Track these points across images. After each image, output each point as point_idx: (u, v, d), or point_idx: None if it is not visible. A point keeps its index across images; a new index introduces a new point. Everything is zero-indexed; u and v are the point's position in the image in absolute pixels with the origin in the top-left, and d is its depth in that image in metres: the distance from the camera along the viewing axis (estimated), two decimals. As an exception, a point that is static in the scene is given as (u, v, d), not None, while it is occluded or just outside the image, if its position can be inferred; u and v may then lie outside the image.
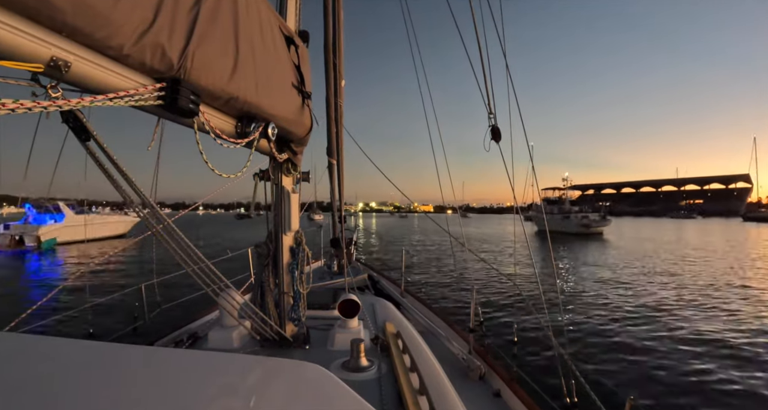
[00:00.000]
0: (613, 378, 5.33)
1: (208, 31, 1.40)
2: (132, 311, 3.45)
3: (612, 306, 9.07)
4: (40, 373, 0.94)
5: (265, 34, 1.89)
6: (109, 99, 1.06)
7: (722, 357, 6.09)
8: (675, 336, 7.04)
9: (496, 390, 2.77)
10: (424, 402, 1.72)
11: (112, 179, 1.48)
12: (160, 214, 1.66)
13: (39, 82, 0.97)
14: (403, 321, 3.15)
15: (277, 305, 2.51)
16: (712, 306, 9.21)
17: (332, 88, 3.48)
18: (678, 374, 5.48)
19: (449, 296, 10.12)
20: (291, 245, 2.56)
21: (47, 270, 14.57)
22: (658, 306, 9.15)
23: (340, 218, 3.53)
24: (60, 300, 7.66)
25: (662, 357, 6.09)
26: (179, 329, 3.00)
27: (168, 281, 4.07)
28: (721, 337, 6.98)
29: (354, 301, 2.56)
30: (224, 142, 1.64)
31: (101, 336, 3.15)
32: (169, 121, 1.53)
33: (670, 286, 11.54)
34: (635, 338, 6.92)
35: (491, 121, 3.43)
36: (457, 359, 3.09)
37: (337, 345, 2.45)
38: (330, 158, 3.52)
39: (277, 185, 2.51)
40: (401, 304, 4.23)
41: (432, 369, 2.23)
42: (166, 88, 1.24)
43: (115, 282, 10.89)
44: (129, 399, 0.85)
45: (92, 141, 1.33)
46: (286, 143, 2.37)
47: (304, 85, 2.35)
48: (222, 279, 1.96)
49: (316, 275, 4.77)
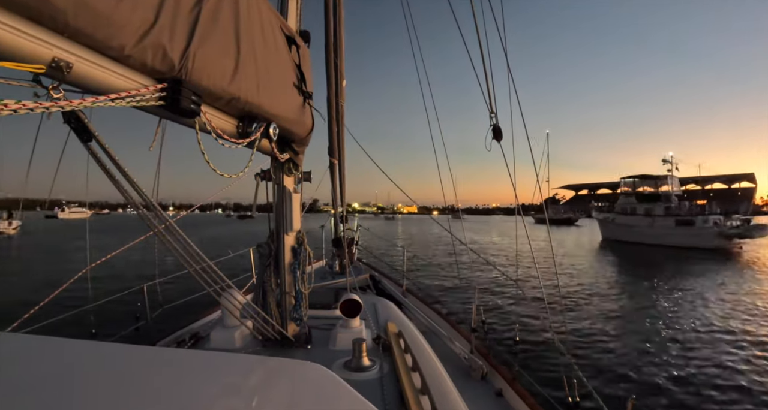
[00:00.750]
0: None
1: (210, 32, 1.40)
2: (134, 311, 3.45)
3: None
4: (43, 374, 0.94)
5: (266, 34, 1.89)
6: (110, 99, 1.06)
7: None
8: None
9: (498, 390, 2.77)
10: (426, 402, 1.72)
11: (113, 180, 1.48)
12: (162, 214, 1.66)
13: (41, 83, 0.97)
14: (405, 320, 3.15)
15: (279, 305, 2.51)
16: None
17: (333, 87, 3.48)
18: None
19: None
20: (293, 245, 2.56)
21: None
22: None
23: (342, 218, 3.53)
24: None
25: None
26: (181, 329, 3.01)
27: (170, 281, 4.08)
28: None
29: (356, 301, 2.56)
30: (226, 142, 1.64)
31: (103, 336, 3.15)
32: (171, 121, 1.53)
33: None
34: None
35: (492, 121, 3.42)
36: (458, 359, 3.08)
37: (339, 345, 2.45)
38: (331, 158, 3.52)
39: (279, 185, 2.51)
40: (403, 304, 4.23)
41: (434, 369, 2.23)
42: (168, 88, 1.24)
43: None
44: (131, 399, 0.85)
45: (94, 141, 1.33)
46: (288, 143, 2.37)
47: (305, 85, 2.35)
48: (224, 279, 1.96)
49: (317, 275, 4.78)
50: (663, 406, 4.86)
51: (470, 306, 3.62)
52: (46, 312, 2.21)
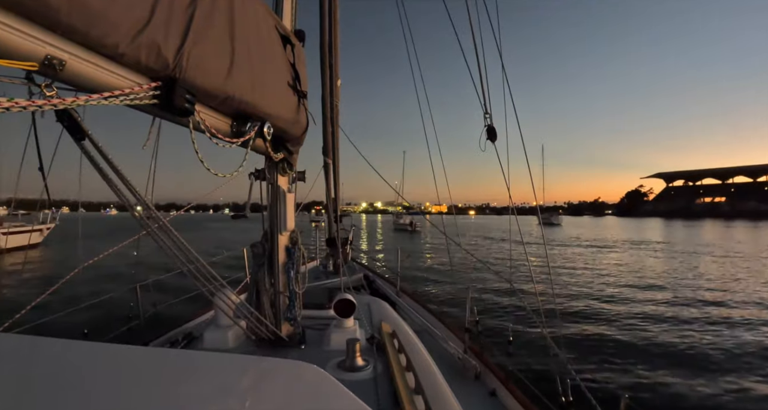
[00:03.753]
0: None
1: (204, 31, 1.40)
2: (127, 311, 3.42)
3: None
4: (35, 374, 0.93)
5: (261, 34, 1.89)
6: (104, 98, 1.06)
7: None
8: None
9: (492, 390, 2.78)
10: (419, 402, 1.72)
11: (107, 179, 1.47)
12: (155, 214, 1.66)
13: (33, 80, 0.96)
14: (399, 320, 3.16)
15: (273, 305, 2.51)
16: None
17: (328, 87, 3.48)
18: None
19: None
20: (287, 245, 2.55)
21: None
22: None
23: (336, 217, 3.53)
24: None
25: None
26: (174, 329, 2.99)
27: (163, 281, 4.05)
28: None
29: (350, 301, 2.56)
30: (220, 141, 1.63)
31: (96, 336, 3.11)
32: (165, 120, 1.52)
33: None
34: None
35: (487, 121, 3.44)
36: (452, 358, 3.10)
37: (332, 345, 2.45)
38: (326, 157, 3.52)
39: (273, 185, 2.51)
40: (397, 304, 4.23)
41: (427, 369, 2.23)
42: (162, 87, 1.24)
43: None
44: (124, 399, 0.85)
45: (87, 140, 1.33)
46: (282, 143, 2.37)
47: (300, 84, 2.35)
48: (217, 279, 1.96)
49: (311, 275, 4.77)
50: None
51: (463, 305, 3.63)
52: (37, 312, 2.18)
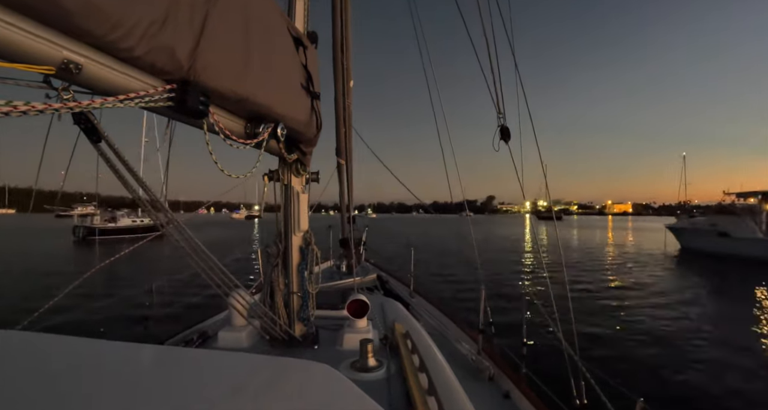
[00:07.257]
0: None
1: (218, 33, 1.41)
2: (143, 310, 3.48)
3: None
4: (51, 372, 0.95)
5: (273, 36, 1.89)
6: (119, 100, 1.07)
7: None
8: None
9: (506, 392, 2.74)
10: (432, 403, 1.70)
11: (123, 180, 1.49)
12: (170, 214, 1.67)
13: (50, 84, 0.98)
14: (412, 321, 3.14)
15: (287, 305, 2.52)
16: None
17: (341, 88, 3.48)
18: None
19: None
20: (300, 245, 2.56)
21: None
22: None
23: (349, 219, 3.53)
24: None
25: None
26: (189, 328, 3.02)
27: (178, 281, 4.11)
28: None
29: (363, 301, 2.55)
30: (234, 142, 1.64)
31: (112, 335, 3.17)
32: (179, 121, 1.54)
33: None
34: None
35: (500, 121, 3.40)
36: (466, 360, 3.06)
37: (346, 345, 2.44)
38: (339, 158, 3.52)
39: (287, 186, 2.52)
40: (410, 304, 4.21)
41: (441, 370, 2.21)
42: (176, 89, 1.25)
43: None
44: (139, 397, 0.85)
45: (103, 142, 1.34)
46: (295, 144, 2.37)
47: (313, 85, 2.35)
48: (232, 279, 1.97)
49: (325, 275, 4.78)
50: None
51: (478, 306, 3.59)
52: (55, 311, 2.23)
